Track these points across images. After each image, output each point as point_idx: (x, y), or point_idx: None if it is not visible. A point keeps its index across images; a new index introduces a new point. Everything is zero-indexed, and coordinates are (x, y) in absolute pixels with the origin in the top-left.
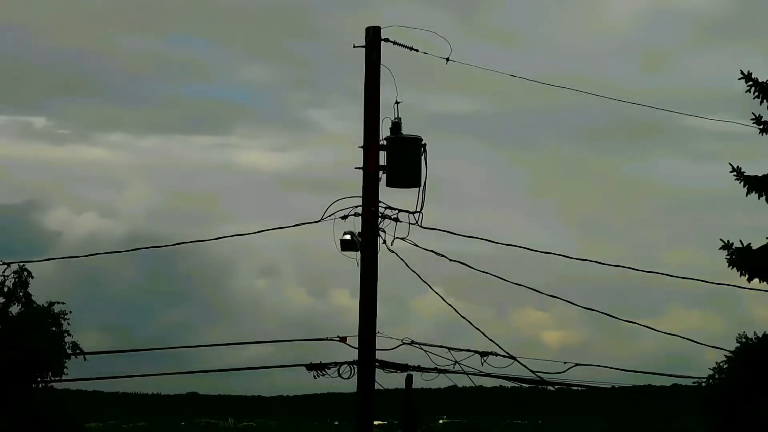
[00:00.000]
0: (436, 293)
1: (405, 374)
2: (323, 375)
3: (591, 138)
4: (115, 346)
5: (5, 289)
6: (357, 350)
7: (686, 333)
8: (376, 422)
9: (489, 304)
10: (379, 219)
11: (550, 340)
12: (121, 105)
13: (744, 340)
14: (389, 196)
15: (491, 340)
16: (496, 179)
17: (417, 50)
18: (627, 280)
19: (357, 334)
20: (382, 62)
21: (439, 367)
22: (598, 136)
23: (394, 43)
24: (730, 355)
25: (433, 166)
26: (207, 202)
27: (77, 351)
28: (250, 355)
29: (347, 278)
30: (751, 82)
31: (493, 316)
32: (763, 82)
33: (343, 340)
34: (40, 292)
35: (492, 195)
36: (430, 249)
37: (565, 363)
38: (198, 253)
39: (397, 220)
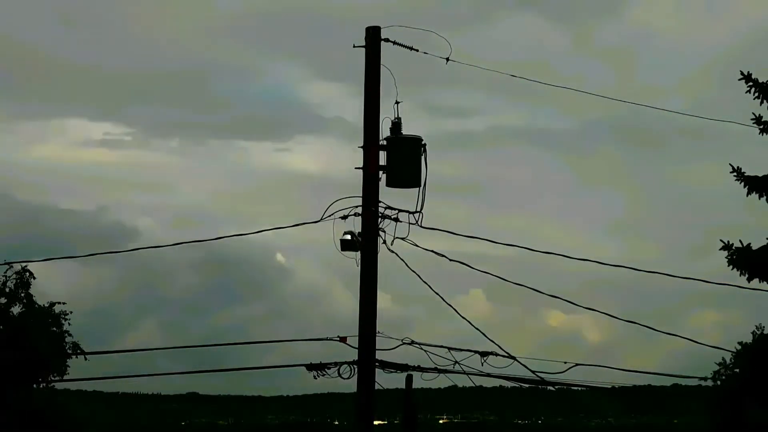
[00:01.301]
0: (436, 293)
1: (405, 374)
2: (323, 375)
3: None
4: (173, 343)
5: (7, 290)
6: (357, 350)
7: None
8: (376, 422)
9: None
10: (379, 219)
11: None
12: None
13: (759, 333)
14: (389, 196)
15: (491, 340)
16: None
17: (417, 50)
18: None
19: (357, 334)
20: (382, 62)
21: (439, 367)
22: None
23: (394, 43)
24: (735, 351)
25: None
26: (264, 206)
27: (78, 351)
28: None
29: (388, 282)
30: (751, 83)
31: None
32: (763, 82)
33: (343, 340)
34: (96, 291)
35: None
36: (430, 249)
37: (565, 363)
38: (254, 255)
39: (397, 220)
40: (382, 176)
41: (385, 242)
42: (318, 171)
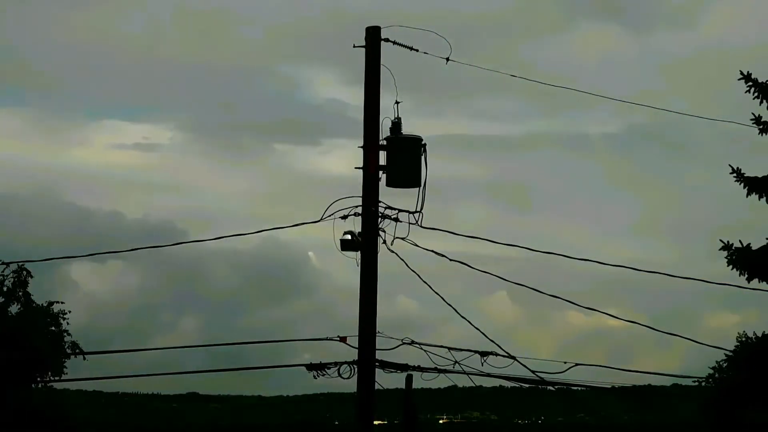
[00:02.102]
0: (436, 293)
1: (405, 374)
2: (323, 375)
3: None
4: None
5: (4, 289)
6: (357, 350)
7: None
8: (376, 422)
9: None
10: (379, 219)
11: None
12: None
13: (744, 339)
14: (389, 196)
15: (491, 340)
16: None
17: (417, 50)
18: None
19: (357, 334)
20: (382, 62)
21: (439, 367)
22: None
23: (394, 43)
24: (730, 354)
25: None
26: (300, 208)
27: (77, 351)
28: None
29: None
30: (750, 83)
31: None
32: (763, 82)
33: (343, 340)
34: (142, 291)
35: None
36: (430, 249)
37: (565, 363)
38: (289, 254)
39: (397, 220)
40: (382, 176)
41: (385, 242)
42: (352, 174)
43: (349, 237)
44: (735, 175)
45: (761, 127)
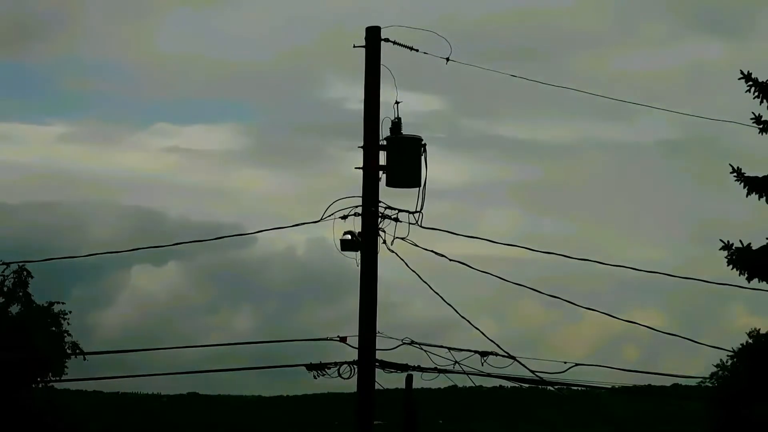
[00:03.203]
0: (436, 293)
1: (405, 374)
2: (323, 375)
3: None
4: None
5: (5, 289)
6: (357, 350)
7: None
8: (376, 422)
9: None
10: (379, 219)
11: None
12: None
13: (756, 334)
14: (389, 196)
15: (491, 340)
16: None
17: (417, 50)
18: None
19: (357, 334)
20: (382, 62)
21: (439, 367)
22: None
23: (394, 43)
24: (734, 352)
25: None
26: None
27: (77, 351)
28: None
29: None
30: (751, 82)
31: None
32: (763, 82)
33: (343, 340)
34: (190, 290)
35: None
36: (430, 249)
37: (565, 363)
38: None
39: (397, 220)
40: (382, 176)
41: (385, 242)
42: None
43: (349, 237)
44: (735, 174)
45: (761, 126)
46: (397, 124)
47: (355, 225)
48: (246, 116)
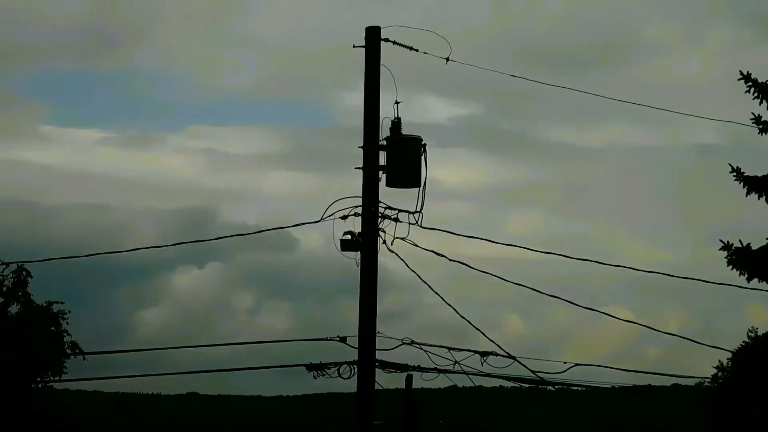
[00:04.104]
0: (436, 293)
1: (405, 374)
2: (323, 375)
3: None
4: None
5: (4, 289)
6: (357, 350)
7: None
8: (376, 422)
9: None
10: (379, 219)
11: None
12: None
13: (753, 334)
14: (389, 196)
15: (491, 340)
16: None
17: (417, 50)
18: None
19: (357, 334)
20: (382, 62)
21: (439, 367)
22: None
23: (394, 43)
24: (734, 353)
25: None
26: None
27: (76, 351)
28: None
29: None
30: (750, 82)
31: None
32: (763, 82)
33: (343, 340)
34: (225, 287)
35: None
36: (430, 249)
37: (565, 363)
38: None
39: (397, 220)
40: (382, 176)
41: (385, 242)
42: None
43: (349, 237)
44: (735, 174)
45: (761, 127)
46: (397, 124)
47: (355, 225)
48: (279, 119)
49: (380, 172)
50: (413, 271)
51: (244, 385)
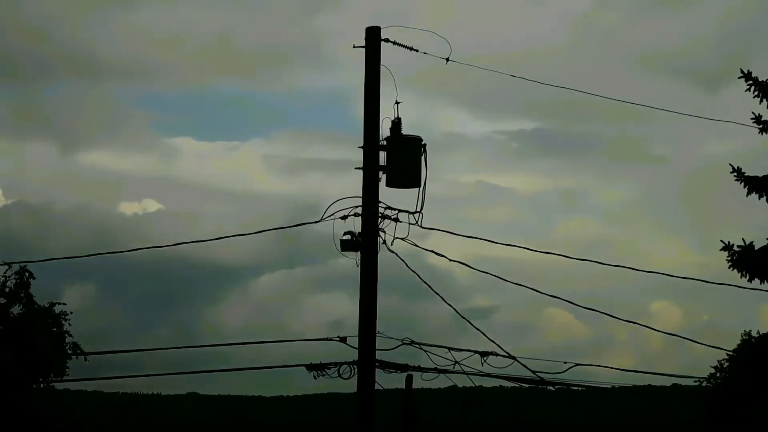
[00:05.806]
0: (436, 293)
1: (405, 374)
2: (323, 375)
3: None
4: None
5: (6, 290)
6: (357, 350)
7: None
8: (375, 422)
9: None
10: (379, 219)
11: None
12: None
13: (747, 337)
14: (389, 196)
15: (491, 340)
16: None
17: (417, 50)
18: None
19: (357, 334)
20: (382, 62)
21: (439, 367)
22: None
23: (394, 43)
24: (732, 353)
25: None
26: None
27: (78, 351)
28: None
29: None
30: (751, 81)
31: None
32: (763, 81)
33: (343, 340)
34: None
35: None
36: (430, 249)
37: (565, 363)
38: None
39: (397, 220)
40: (382, 176)
41: (385, 242)
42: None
43: (349, 237)
44: (735, 174)
45: (761, 126)
46: (397, 124)
47: (355, 225)
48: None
49: (380, 172)
50: (413, 271)
51: (244, 385)
